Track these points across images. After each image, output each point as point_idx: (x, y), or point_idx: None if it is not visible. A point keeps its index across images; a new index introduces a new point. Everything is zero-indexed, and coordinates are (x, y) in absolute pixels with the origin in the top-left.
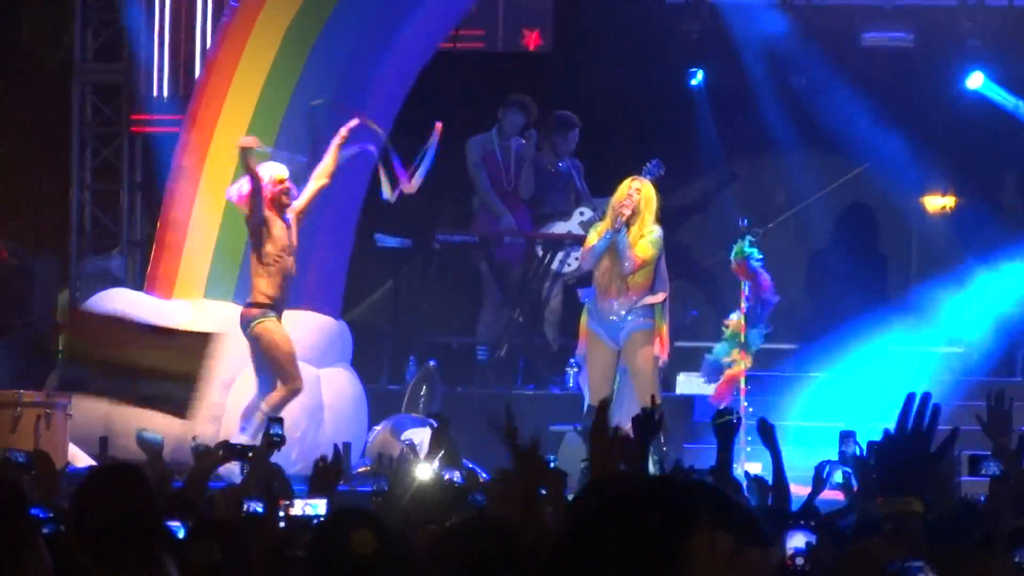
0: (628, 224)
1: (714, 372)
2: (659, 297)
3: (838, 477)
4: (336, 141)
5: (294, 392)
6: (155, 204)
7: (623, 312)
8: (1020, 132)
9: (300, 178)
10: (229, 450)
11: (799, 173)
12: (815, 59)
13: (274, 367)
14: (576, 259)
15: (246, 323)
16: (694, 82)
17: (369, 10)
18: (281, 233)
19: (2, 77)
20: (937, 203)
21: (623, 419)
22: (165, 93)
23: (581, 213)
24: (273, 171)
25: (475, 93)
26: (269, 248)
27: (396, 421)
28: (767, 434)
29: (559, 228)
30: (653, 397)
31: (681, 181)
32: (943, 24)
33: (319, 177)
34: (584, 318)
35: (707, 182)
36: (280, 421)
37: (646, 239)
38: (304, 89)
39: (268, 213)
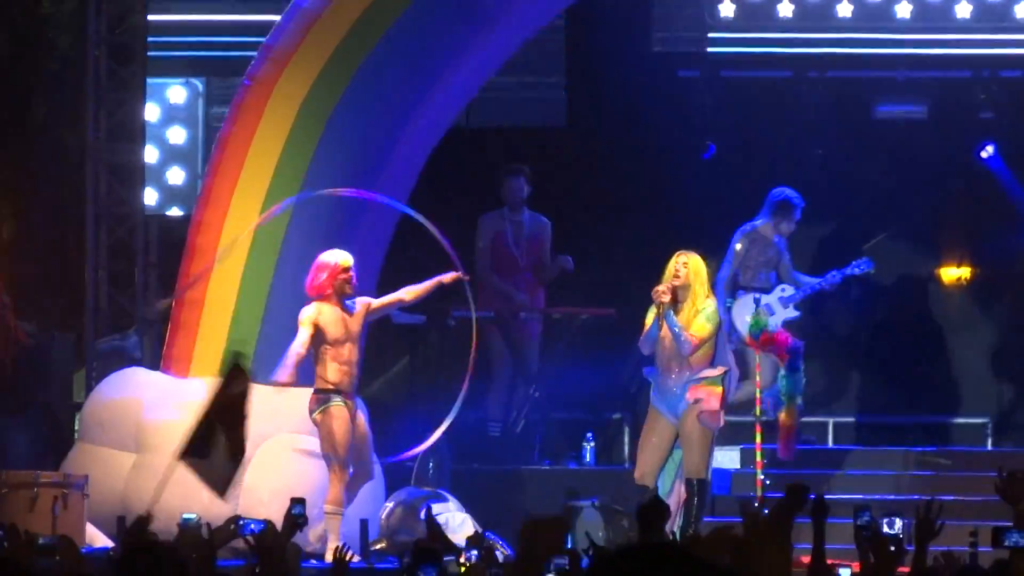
0: (678, 301)
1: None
2: (718, 371)
3: None
4: (433, 282)
5: (343, 482)
6: (170, 283)
7: (683, 385)
8: None
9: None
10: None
11: (812, 244)
12: (830, 131)
13: (324, 455)
14: None
15: (310, 411)
16: (706, 155)
17: (386, 85)
18: (336, 319)
19: (19, 157)
20: (952, 274)
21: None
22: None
23: None
24: (339, 258)
25: (488, 168)
26: (323, 334)
27: (408, 495)
28: (819, 514)
29: None
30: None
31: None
32: (956, 96)
33: (407, 294)
34: (650, 395)
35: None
36: (303, 501)
37: (701, 315)
38: (319, 165)
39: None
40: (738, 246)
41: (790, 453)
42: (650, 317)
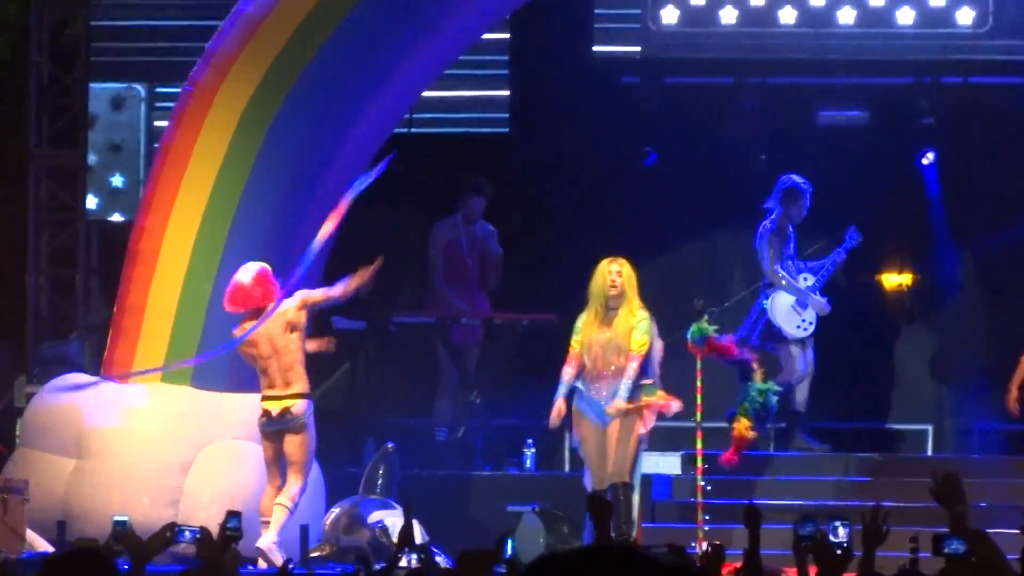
0: (611, 308)
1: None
2: (647, 381)
3: None
4: (357, 276)
5: (306, 485)
6: (112, 289)
7: (613, 392)
8: (976, 209)
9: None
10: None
11: (755, 251)
12: (772, 137)
13: (303, 458)
14: None
15: (306, 414)
16: (647, 162)
17: (327, 91)
18: None
19: None
20: (894, 280)
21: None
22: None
23: None
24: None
25: (432, 175)
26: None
27: (355, 503)
28: (753, 521)
29: None
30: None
31: (638, 260)
32: (898, 102)
33: (335, 290)
34: (575, 403)
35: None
36: (238, 515)
37: (639, 331)
38: (260, 172)
39: None
40: (770, 247)
41: (731, 463)
42: (576, 342)
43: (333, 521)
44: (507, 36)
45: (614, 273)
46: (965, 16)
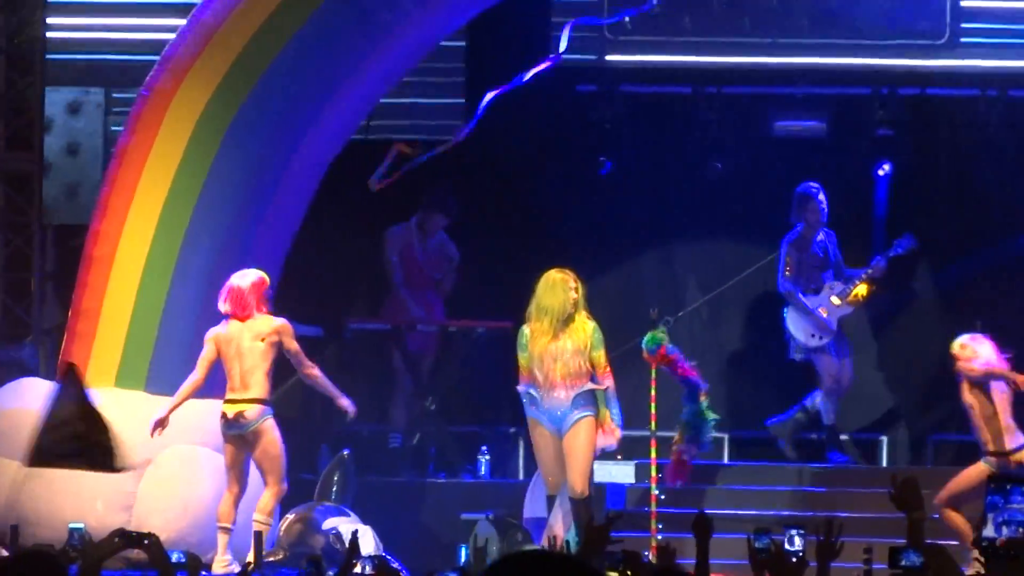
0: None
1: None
2: (601, 385)
3: None
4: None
5: (281, 494)
6: (67, 293)
7: (568, 402)
8: (932, 218)
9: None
10: (125, 538)
11: (711, 261)
12: (729, 146)
13: (270, 466)
14: None
15: (258, 416)
16: (603, 171)
17: (284, 97)
18: None
19: None
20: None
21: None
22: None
23: None
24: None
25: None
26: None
27: (309, 509)
28: (703, 531)
29: None
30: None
31: (594, 269)
32: (855, 112)
33: (307, 368)
34: (528, 411)
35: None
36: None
37: (595, 340)
38: (217, 177)
39: None
40: (787, 258)
41: (676, 480)
42: (524, 358)
43: (287, 527)
44: (463, 44)
45: (572, 290)
46: (923, 26)
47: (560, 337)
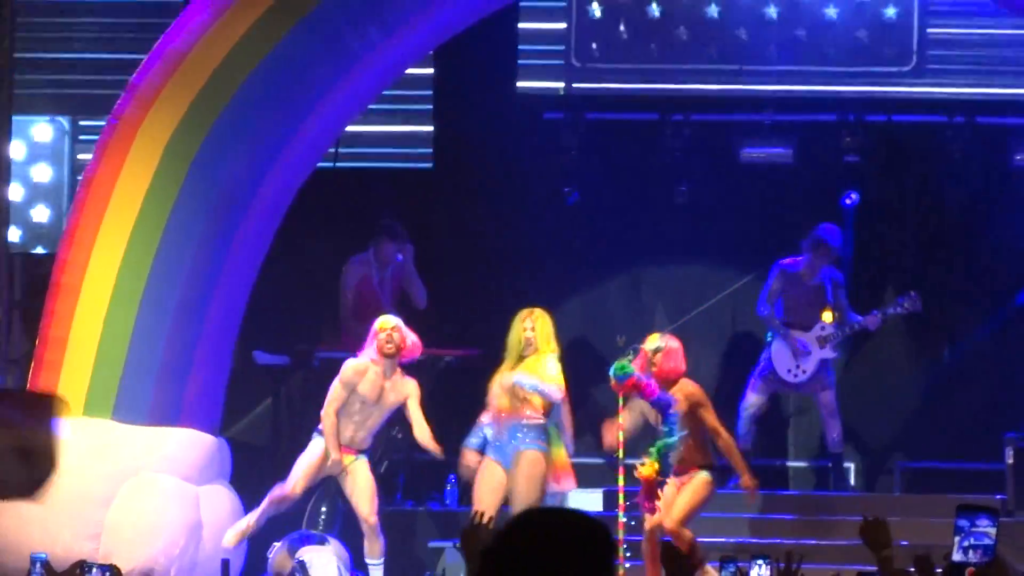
0: (523, 358)
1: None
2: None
3: None
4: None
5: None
6: (34, 322)
7: (517, 434)
8: (898, 244)
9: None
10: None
11: (678, 288)
12: (696, 173)
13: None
14: None
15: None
16: (569, 201)
17: (251, 126)
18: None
19: None
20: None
21: None
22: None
23: None
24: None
25: (354, 210)
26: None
27: (294, 538)
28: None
29: None
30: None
31: (562, 297)
32: (822, 139)
33: (419, 427)
34: (488, 451)
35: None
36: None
37: (551, 370)
38: (184, 206)
39: None
40: (772, 284)
41: (651, 507)
42: (505, 398)
43: (274, 554)
44: (431, 71)
45: (528, 329)
46: (889, 53)
47: (515, 371)
